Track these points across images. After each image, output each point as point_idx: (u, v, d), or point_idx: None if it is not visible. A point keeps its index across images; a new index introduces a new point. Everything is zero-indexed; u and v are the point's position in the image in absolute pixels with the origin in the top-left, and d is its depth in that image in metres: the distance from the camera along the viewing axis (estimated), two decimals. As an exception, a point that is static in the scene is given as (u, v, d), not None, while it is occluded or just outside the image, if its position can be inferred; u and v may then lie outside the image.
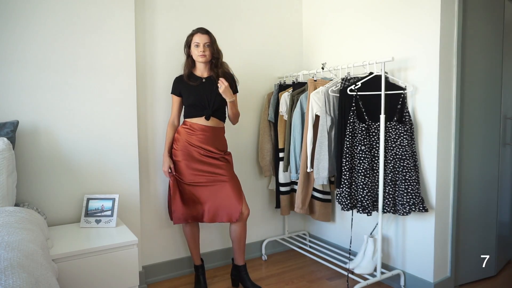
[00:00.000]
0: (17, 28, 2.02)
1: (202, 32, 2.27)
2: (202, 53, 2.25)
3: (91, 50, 2.22)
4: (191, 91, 2.29)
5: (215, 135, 2.32)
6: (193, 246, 2.43)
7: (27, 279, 1.03)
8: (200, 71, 2.35)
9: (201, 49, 2.24)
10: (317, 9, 3.03)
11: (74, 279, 1.73)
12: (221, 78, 2.25)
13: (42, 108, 2.10)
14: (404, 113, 2.27)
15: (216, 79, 2.29)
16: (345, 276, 2.57)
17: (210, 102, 2.28)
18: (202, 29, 2.29)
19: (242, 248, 2.35)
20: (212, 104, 2.28)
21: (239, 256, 2.36)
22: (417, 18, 2.26)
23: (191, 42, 2.28)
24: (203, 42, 2.25)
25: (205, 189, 2.29)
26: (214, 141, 2.31)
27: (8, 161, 1.80)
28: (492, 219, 2.52)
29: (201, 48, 2.24)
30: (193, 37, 2.27)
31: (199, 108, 2.28)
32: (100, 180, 2.28)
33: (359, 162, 2.22)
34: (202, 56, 2.25)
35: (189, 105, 2.32)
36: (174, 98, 2.38)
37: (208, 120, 2.28)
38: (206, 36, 2.26)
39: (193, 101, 2.28)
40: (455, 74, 2.28)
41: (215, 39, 2.31)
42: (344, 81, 2.37)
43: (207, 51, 2.26)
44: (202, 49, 2.24)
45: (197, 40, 2.25)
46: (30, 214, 1.71)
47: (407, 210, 2.18)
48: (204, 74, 2.34)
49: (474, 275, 2.48)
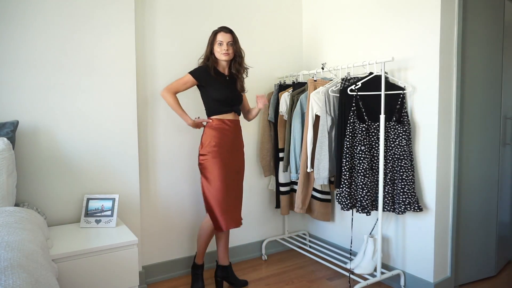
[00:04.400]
0: (18, 28, 2.02)
1: (226, 31, 2.28)
2: (226, 51, 2.26)
3: (91, 50, 2.22)
4: (220, 87, 2.30)
5: (239, 128, 2.43)
6: (205, 247, 2.42)
7: (27, 279, 1.03)
8: (222, 68, 2.36)
9: (224, 48, 2.26)
10: (317, 9, 3.03)
11: (74, 279, 1.73)
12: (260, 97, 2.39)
13: (42, 108, 2.10)
14: (402, 113, 2.27)
15: (237, 76, 2.38)
16: (345, 276, 2.57)
17: (236, 99, 2.36)
18: (226, 28, 2.30)
19: (227, 246, 2.47)
20: (237, 101, 2.37)
21: (225, 254, 2.47)
22: (417, 18, 2.26)
23: (214, 40, 2.29)
24: (226, 41, 2.26)
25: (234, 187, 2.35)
26: (239, 134, 2.42)
27: (8, 161, 1.80)
28: (492, 219, 2.52)
29: (224, 47, 2.26)
30: (217, 35, 2.28)
31: (227, 104, 2.33)
32: (100, 180, 2.28)
33: (359, 162, 2.22)
34: (225, 55, 2.27)
35: (218, 100, 2.31)
36: (189, 78, 2.28)
37: (239, 115, 2.43)
38: (230, 35, 2.28)
39: (223, 96, 2.30)
40: (455, 74, 2.28)
41: (237, 38, 2.33)
42: (344, 81, 2.37)
43: (230, 49, 2.28)
44: (226, 47, 2.26)
45: (220, 38, 2.26)
46: (30, 214, 1.71)
47: (403, 209, 2.20)
48: (226, 71, 2.37)
49: (474, 275, 2.48)
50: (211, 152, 2.26)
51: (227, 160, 2.30)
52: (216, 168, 2.26)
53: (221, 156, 2.27)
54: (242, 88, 2.40)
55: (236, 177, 2.36)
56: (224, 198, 2.26)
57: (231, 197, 2.31)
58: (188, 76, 2.29)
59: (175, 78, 2.47)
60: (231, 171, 2.31)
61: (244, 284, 2.50)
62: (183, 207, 2.67)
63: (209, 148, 2.27)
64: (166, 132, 2.57)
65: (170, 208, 2.62)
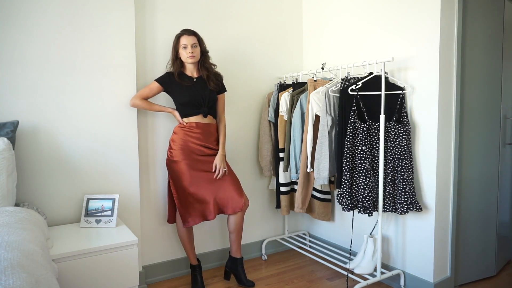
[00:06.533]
0: (18, 28, 2.02)
1: (188, 34, 2.28)
2: (191, 54, 2.26)
3: (91, 50, 2.22)
4: (185, 91, 2.31)
5: (211, 131, 2.39)
6: (189, 246, 2.44)
7: (27, 279, 1.03)
8: (190, 71, 2.36)
9: (189, 51, 2.26)
10: (317, 9, 3.03)
11: (74, 279, 1.73)
12: (219, 169, 2.32)
13: (42, 108, 2.10)
14: (402, 113, 2.28)
15: (206, 79, 2.34)
16: (345, 276, 2.57)
17: (204, 100, 2.32)
18: (188, 31, 2.29)
19: (239, 240, 2.42)
20: (207, 103, 2.33)
21: (237, 247, 2.42)
22: (417, 18, 2.26)
23: (178, 44, 2.29)
24: (190, 43, 2.26)
25: (208, 186, 2.31)
26: (210, 136, 2.38)
27: (8, 161, 1.80)
28: (492, 219, 2.52)
29: (189, 50, 2.26)
30: (180, 39, 2.28)
31: (194, 106, 2.32)
32: (100, 180, 2.28)
33: (360, 163, 2.22)
34: (191, 57, 2.27)
35: (183, 104, 2.33)
36: (155, 85, 2.32)
37: (206, 117, 2.35)
38: (193, 37, 2.28)
39: (188, 100, 2.30)
40: (455, 74, 2.28)
41: (202, 39, 2.34)
42: (344, 81, 2.37)
43: (196, 51, 2.28)
44: (190, 50, 2.26)
45: (184, 42, 2.26)
46: (30, 214, 1.71)
47: (405, 209, 2.20)
48: (194, 74, 2.37)
49: (474, 275, 2.48)
50: (175, 155, 2.31)
51: (194, 162, 2.30)
52: (178, 170, 2.30)
53: (186, 159, 2.29)
54: (217, 87, 2.38)
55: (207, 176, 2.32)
56: (187, 198, 2.30)
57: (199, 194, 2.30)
58: (154, 82, 2.34)
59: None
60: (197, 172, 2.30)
61: (251, 285, 2.46)
62: (183, 207, 2.67)
63: (174, 150, 2.32)
64: (166, 132, 2.57)
65: (170, 208, 2.62)
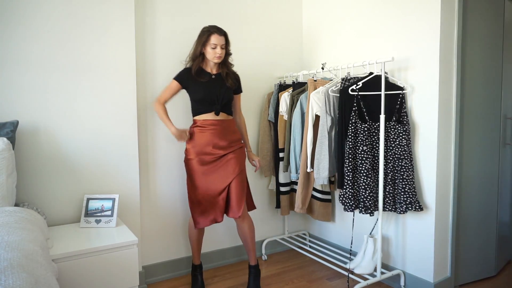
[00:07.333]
0: (18, 28, 2.02)
1: (220, 34, 2.23)
2: (219, 55, 2.23)
3: (91, 50, 2.22)
4: (201, 87, 2.27)
5: (226, 128, 2.31)
6: (197, 247, 2.44)
7: (27, 279, 1.03)
8: (210, 67, 2.33)
9: (218, 51, 2.22)
10: (317, 9, 3.03)
11: (74, 279, 1.73)
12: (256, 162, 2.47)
13: (42, 108, 2.10)
14: (402, 113, 2.28)
15: (225, 76, 2.31)
16: (345, 276, 2.57)
17: (219, 98, 2.27)
18: (220, 30, 2.24)
19: (249, 247, 2.36)
20: (221, 99, 2.28)
21: (249, 255, 2.39)
22: (417, 18, 2.26)
23: (207, 41, 2.23)
24: (220, 44, 2.22)
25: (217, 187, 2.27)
26: (225, 134, 2.30)
27: (8, 161, 1.80)
28: (492, 219, 2.52)
29: (218, 50, 2.22)
30: (211, 37, 2.21)
31: (208, 103, 2.28)
32: (100, 180, 2.28)
33: (361, 163, 2.22)
34: (218, 58, 2.24)
35: (198, 101, 2.29)
36: (174, 84, 2.31)
37: (218, 115, 2.29)
38: (223, 38, 2.24)
39: (202, 96, 2.26)
40: (455, 74, 2.28)
41: (229, 41, 2.31)
42: (344, 81, 2.37)
43: (223, 53, 2.26)
44: (219, 51, 2.22)
45: (214, 41, 2.21)
46: (30, 214, 1.71)
47: (404, 209, 2.20)
48: (213, 70, 2.33)
49: (474, 275, 2.48)
50: (189, 153, 2.31)
51: (206, 160, 2.27)
52: (191, 168, 2.30)
53: (198, 156, 2.27)
54: (234, 85, 2.35)
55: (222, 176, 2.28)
56: (198, 198, 2.28)
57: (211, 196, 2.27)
58: (173, 81, 2.32)
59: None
60: (211, 171, 2.28)
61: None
62: (183, 207, 2.67)
63: (188, 148, 2.32)
64: (166, 132, 2.57)
65: (170, 208, 2.63)
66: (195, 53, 2.28)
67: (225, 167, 2.28)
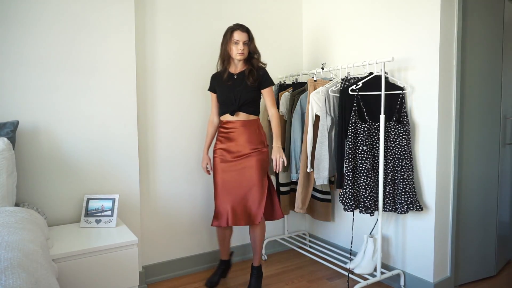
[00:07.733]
0: (18, 28, 2.02)
1: (242, 30, 2.23)
2: (242, 51, 2.23)
3: (91, 50, 2.22)
4: (223, 89, 2.31)
5: (246, 129, 2.29)
6: (221, 244, 2.49)
7: (27, 279, 1.03)
8: (234, 67, 2.33)
9: (240, 47, 2.22)
10: (317, 9, 3.03)
11: (74, 279, 1.73)
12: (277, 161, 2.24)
13: (42, 108, 2.10)
14: (402, 113, 2.28)
15: (247, 73, 2.27)
16: (345, 276, 2.58)
17: (236, 98, 2.26)
18: (242, 26, 2.25)
19: (256, 249, 2.38)
20: (238, 100, 2.26)
21: (254, 256, 2.41)
22: (417, 18, 2.26)
23: (230, 39, 2.24)
24: (242, 40, 2.23)
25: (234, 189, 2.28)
26: (245, 135, 2.28)
27: (8, 161, 1.80)
28: (492, 219, 2.52)
29: (240, 46, 2.22)
30: (233, 34, 2.22)
31: (228, 104, 2.30)
32: (100, 180, 2.28)
33: (361, 163, 2.22)
34: (241, 54, 2.24)
35: (220, 103, 2.35)
36: (211, 95, 2.43)
37: (233, 115, 2.29)
38: (246, 34, 2.24)
39: (223, 99, 2.31)
40: (455, 74, 2.28)
41: (253, 37, 2.29)
42: (344, 81, 2.37)
43: (246, 49, 2.26)
44: (241, 47, 2.23)
45: (236, 37, 2.22)
46: (30, 214, 1.71)
47: (405, 209, 2.20)
48: (237, 70, 2.33)
49: (474, 275, 2.48)
50: (215, 149, 2.38)
51: (226, 159, 2.30)
52: (214, 165, 2.37)
53: (219, 157, 2.33)
54: (254, 82, 2.26)
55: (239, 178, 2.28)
56: (218, 196, 2.32)
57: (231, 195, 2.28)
58: (209, 93, 2.44)
59: (175, 79, 2.52)
60: (229, 170, 2.29)
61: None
62: (183, 207, 2.67)
63: (215, 145, 2.40)
64: (166, 132, 2.57)
65: (170, 208, 2.63)
66: (222, 54, 2.31)
67: (243, 173, 2.27)
